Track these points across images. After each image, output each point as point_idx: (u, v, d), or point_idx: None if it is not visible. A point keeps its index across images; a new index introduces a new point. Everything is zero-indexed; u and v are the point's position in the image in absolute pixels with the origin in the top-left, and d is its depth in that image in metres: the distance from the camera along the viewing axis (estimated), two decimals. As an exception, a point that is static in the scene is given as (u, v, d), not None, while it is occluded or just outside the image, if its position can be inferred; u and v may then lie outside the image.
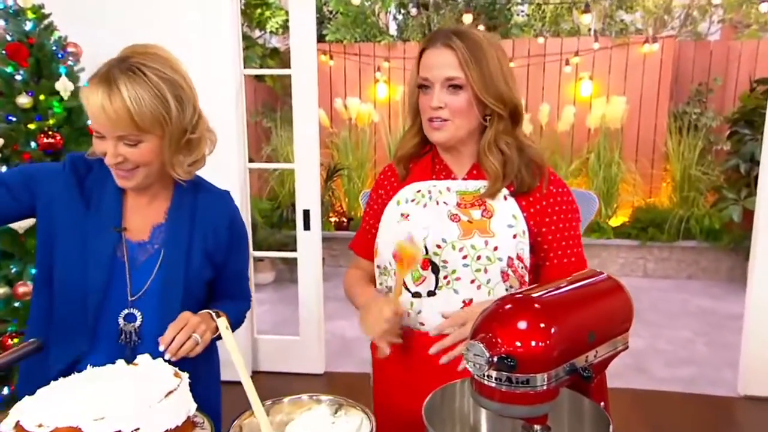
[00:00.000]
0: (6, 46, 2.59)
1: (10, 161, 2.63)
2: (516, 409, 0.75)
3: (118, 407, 0.87)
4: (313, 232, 3.68)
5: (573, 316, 0.77)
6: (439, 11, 7.08)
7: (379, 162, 7.13)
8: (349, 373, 3.92)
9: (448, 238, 1.33)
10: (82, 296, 1.30)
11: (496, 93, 1.31)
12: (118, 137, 1.23)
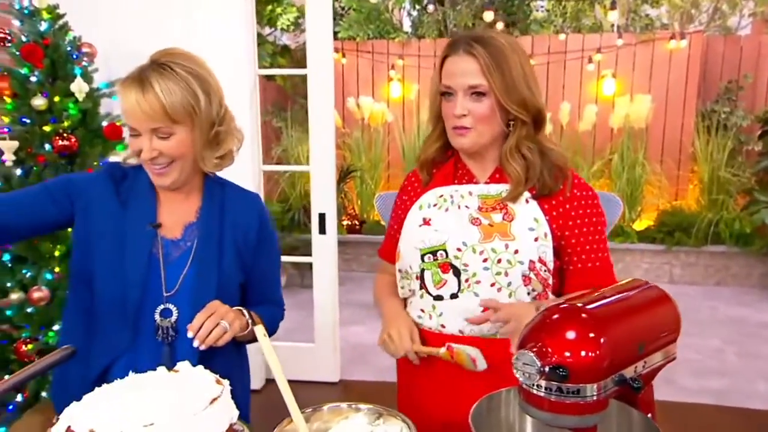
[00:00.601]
0: (22, 47, 2.65)
1: (25, 164, 2.69)
2: (566, 419, 0.78)
3: (165, 414, 0.91)
4: (329, 236, 3.73)
5: (623, 326, 0.81)
6: (455, 7, 7.12)
7: (392, 163, 7.18)
8: (365, 381, 3.95)
9: (469, 241, 1.38)
10: (121, 293, 1.37)
11: (519, 99, 1.35)
12: (152, 131, 1.34)
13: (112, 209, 1.42)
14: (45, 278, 2.63)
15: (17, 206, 1.40)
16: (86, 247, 1.42)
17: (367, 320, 5.12)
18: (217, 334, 1.30)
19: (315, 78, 3.58)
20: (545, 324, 0.80)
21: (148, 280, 1.40)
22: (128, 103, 1.33)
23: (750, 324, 4.96)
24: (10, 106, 2.68)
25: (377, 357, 4.36)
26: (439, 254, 1.41)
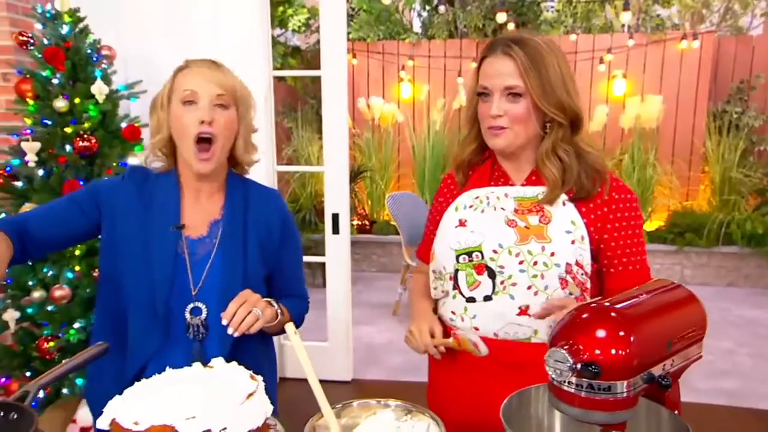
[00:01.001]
0: (44, 50, 2.70)
1: (47, 164, 2.74)
2: (596, 415, 0.81)
3: (206, 407, 0.95)
4: (342, 236, 3.76)
5: (652, 325, 0.84)
6: (466, 8, 7.13)
7: (402, 164, 7.21)
8: (377, 380, 3.99)
9: (505, 243, 1.37)
10: (150, 294, 1.41)
11: (556, 101, 1.35)
12: (215, 97, 1.42)
13: (136, 212, 1.45)
14: (66, 277, 2.67)
15: (48, 220, 1.44)
16: (113, 251, 1.46)
17: (377, 320, 5.16)
18: (249, 322, 1.34)
19: (329, 79, 3.61)
20: (576, 323, 0.82)
21: (175, 280, 1.43)
22: (198, 73, 1.42)
23: (762, 325, 4.96)
24: (33, 107, 2.73)
25: (389, 357, 4.41)
26: (474, 255, 1.40)
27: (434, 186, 6.99)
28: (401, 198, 5.56)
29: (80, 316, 2.71)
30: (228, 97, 1.43)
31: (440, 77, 7.14)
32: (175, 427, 0.92)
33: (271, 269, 1.55)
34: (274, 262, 1.56)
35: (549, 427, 1.00)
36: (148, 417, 0.93)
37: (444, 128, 6.99)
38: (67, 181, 2.70)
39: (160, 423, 0.92)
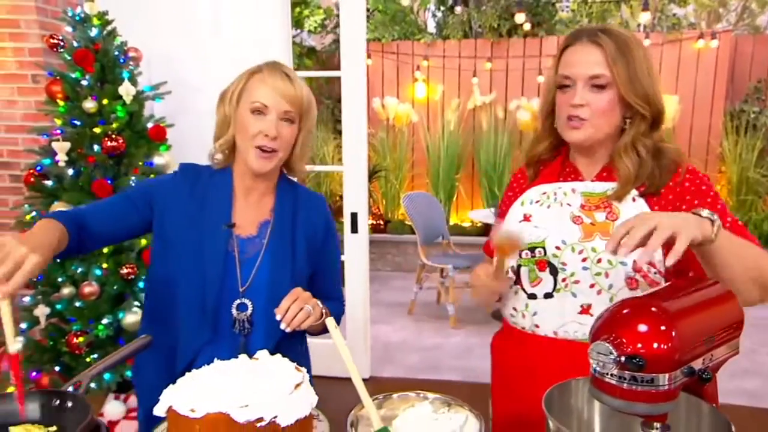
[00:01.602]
0: (74, 53, 2.76)
1: (77, 164, 2.80)
2: (638, 406, 0.84)
3: (258, 396, 0.99)
4: (361, 235, 3.80)
5: (692, 320, 0.87)
6: (480, 8, 7.15)
7: (417, 163, 7.24)
8: (395, 378, 4.03)
9: (568, 240, 1.34)
10: (201, 290, 1.46)
11: (643, 93, 1.30)
12: (284, 113, 1.45)
13: (188, 210, 1.50)
14: (95, 274, 2.74)
15: (105, 216, 1.48)
16: (165, 248, 1.51)
17: (393, 319, 5.21)
18: (301, 318, 1.38)
19: (348, 80, 3.64)
20: (618, 317, 0.86)
21: (224, 277, 1.48)
22: (271, 84, 1.44)
23: (781, 326, 4.94)
24: (63, 108, 2.79)
25: (405, 355, 4.45)
26: (537, 251, 1.37)
27: (448, 186, 7.03)
28: (417, 197, 5.60)
29: (108, 312, 2.78)
30: (295, 113, 1.47)
31: (455, 77, 7.16)
32: (229, 415, 0.97)
33: (314, 270, 1.60)
34: (316, 264, 1.60)
35: (588, 418, 1.03)
36: (204, 405, 0.98)
37: (458, 128, 7.02)
38: (95, 180, 2.77)
39: (215, 410, 0.97)
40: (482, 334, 4.86)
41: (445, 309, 5.16)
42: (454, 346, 4.63)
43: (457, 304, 5.14)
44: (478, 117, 7.05)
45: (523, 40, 7.00)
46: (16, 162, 3.43)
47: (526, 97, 6.90)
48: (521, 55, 7.00)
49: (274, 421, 0.99)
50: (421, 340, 4.76)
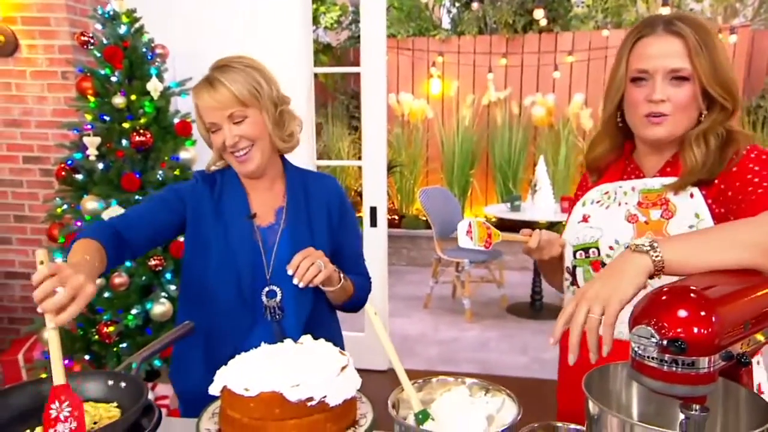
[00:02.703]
0: (104, 50, 2.81)
1: (106, 158, 2.85)
2: (678, 388, 0.86)
3: (308, 377, 1.04)
4: (380, 229, 3.85)
5: (730, 306, 0.90)
6: (496, 4, 7.16)
7: (431, 159, 7.27)
8: (414, 370, 4.04)
9: (621, 239, 1.31)
10: (237, 281, 1.51)
11: (726, 84, 1.23)
12: (228, 117, 1.47)
13: (212, 210, 1.55)
14: (124, 265, 2.78)
15: (141, 225, 1.51)
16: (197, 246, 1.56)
17: (410, 313, 5.25)
18: (313, 272, 1.41)
19: (368, 76, 3.68)
20: (659, 302, 0.88)
21: (254, 266, 1.52)
22: (203, 102, 1.48)
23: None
24: (93, 104, 2.85)
25: (424, 348, 4.49)
26: (591, 252, 1.35)
27: (462, 181, 7.05)
28: (433, 192, 5.63)
29: (136, 303, 2.83)
30: (238, 110, 1.47)
31: (469, 73, 7.18)
32: (282, 394, 1.01)
33: (334, 247, 1.61)
34: (336, 241, 1.62)
35: (627, 399, 1.06)
36: (257, 384, 1.02)
37: (473, 124, 7.05)
38: (125, 174, 2.82)
39: (268, 389, 1.02)
40: (498, 327, 4.91)
41: (461, 303, 5.20)
42: (471, 340, 4.68)
43: (473, 299, 5.18)
44: (493, 113, 7.07)
45: (539, 35, 7.01)
46: (46, 156, 3.49)
47: (540, 93, 6.92)
48: (536, 51, 7.00)
49: (323, 400, 1.04)
50: (438, 334, 4.81)
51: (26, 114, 3.50)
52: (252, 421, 1.02)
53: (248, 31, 3.45)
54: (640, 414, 1.06)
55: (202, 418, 1.13)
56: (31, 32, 3.39)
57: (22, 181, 3.59)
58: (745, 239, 1.03)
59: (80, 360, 2.83)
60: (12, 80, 3.46)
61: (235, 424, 1.04)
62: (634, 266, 0.99)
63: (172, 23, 3.35)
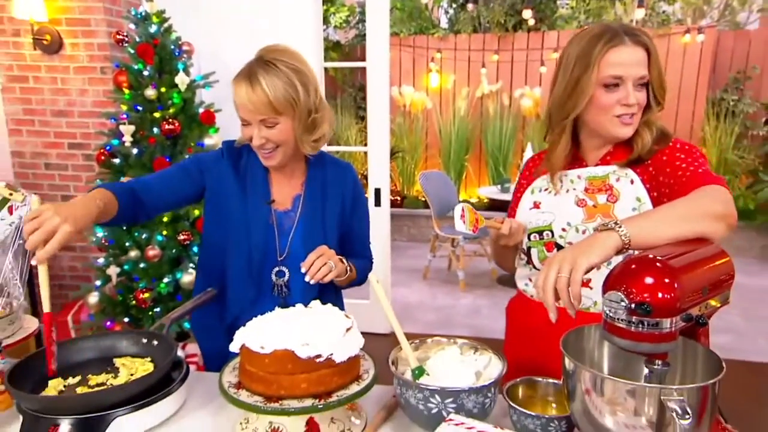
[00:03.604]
0: (137, 47, 2.80)
1: (140, 144, 2.85)
2: (643, 346, 0.87)
3: (317, 336, 1.06)
4: (383, 208, 3.84)
5: (691, 274, 0.90)
6: (489, 5, 7.07)
7: (430, 145, 7.24)
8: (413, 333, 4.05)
9: (573, 221, 1.32)
10: (248, 257, 1.48)
11: (663, 85, 1.29)
12: (260, 121, 1.38)
13: (234, 187, 1.50)
14: (157, 239, 2.80)
15: (162, 186, 1.48)
16: (217, 218, 1.52)
17: (410, 283, 5.26)
18: (324, 272, 1.39)
19: (373, 70, 3.65)
20: (628, 271, 0.88)
21: (266, 246, 1.49)
22: (240, 98, 1.37)
23: (752, 290, 4.96)
24: (128, 96, 2.84)
25: (423, 314, 4.51)
26: (545, 234, 1.36)
27: (458, 165, 7.03)
28: (432, 176, 5.61)
29: (168, 272, 2.85)
30: (271, 117, 1.37)
31: (465, 68, 7.12)
32: (294, 351, 1.02)
33: (344, 232, 1.59)
34: (346, 227, 1.59)
35: (599, 357, 1.07)
36: (272, 342, 1.03)
37: (468, 114, 7.01)
38: (156, 158, 2.82)
39: (282, 347, 1.03)
40: (489, 296, 4.92)
41: (456, 275, 5.21)
42: (465, 307, 4.69)
43: (466, 270, 5.18)
44: (486, 104, 7.01)
45: (527, 34, 6.93)
46: (87, 143, 3.49)
47: (528, 86, 6.86)
48: (525, 48, 6.94)
49: (330, 357, 1.05)
50: (435, 301, 4.82)
51: (70, 105, 3.49)
52: (267, 375, 1.03)
53: (264, 30, 3.41)
54: (610, 369, 1.06)
55: (224, 372, 1.14)
56: (73, 32, 3.37)
57: (68, 165, 3.60)
58: (691, 212, 1.07)
59: (120, 322, 2.86)
60: (58, 75, 3.46)
61: (252, 378, 1.05)
62: (603, 240, 1.00)
63: (197, 23, 3.33)
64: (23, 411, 1.12)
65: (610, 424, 0.89)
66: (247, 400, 1.02)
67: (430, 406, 1.06)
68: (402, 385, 1.10)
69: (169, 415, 1.17)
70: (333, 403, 1.03)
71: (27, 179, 3.64)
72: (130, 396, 1.11)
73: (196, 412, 1.22)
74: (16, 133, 3.59)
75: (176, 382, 1.19)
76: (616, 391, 0.87)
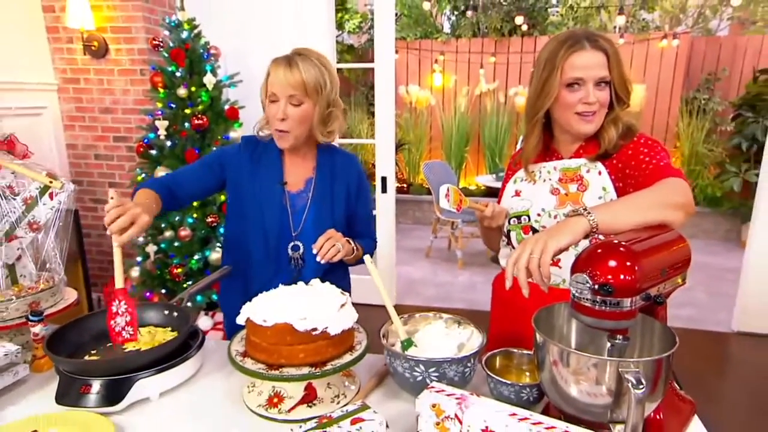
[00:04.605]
0: (170, 51, 2.77)
1: (173, 137, 2.84)
2: (606, 323, 0.85)
3: (313, 311, 1.04)
4: (389, 195, 3.80)
5: (650, 257, 0.86)
6: (487, 12, 6.94)
7: (434, 138, 7.17)
8: (415, 305, 4.08)
9: (546, 207, 1.32)
10: (265, 235, 1.48)
11: (627, 85, 1.25)
12: (289, 97, 1.38)
13: (251, 173, 1.49)
14: (188, 221, 2.79)
15: (189, 180, 1.48)
16: (237, 203, 1.51)
17: (414, 261, 5.23)
18: (333, 252, 1.38)
19: (380, 70, 3.59)
20: (594, 255, 0.85)
21: (281, 225, 1.48)
22: (276, 75, 1.37)
23: (715, 269, 4.89)
24: (163, 95, 2.82)
25: (424, 289, 4.49)
26: (522, 219, 1.35)
27: (459, 156, 6.96)
28: (434, 165, 5.55)
29: (198, 250, 2.85)
30: (300, 95, 1.38)
31: (465, 69, 7.01)
32: (292, 324, 1.00)
33: (350, 214, 1.58)
34: (352, 209, 1.58)
35: (567, 332, 1.04)
36: (273, 316, 1.02)
37: (468, 110, 6.92)
38: (187, 150, 2.80)
39: (281, 321, 1.01)
40: (484, 274, 4.88)
41: (455, 254, 5.17)
42: (462, 283, 4.66)
43: (464, 250, 5.14)
44: (484, 101, 6.91)
45: (521, 39, 6.80)
46: (129, 136, 3.48)
47: (522, 85, 6.74)
48: (519, 51, 6.81)
49: (326, 330, 1.03)
50: (436, 278, 4.80)
51: (115, 103, 3.48)
52: (269, 345, 1.02)
53: (283, 35, 3.37)
54: (577, 342, 1.04)
55: (233, 341, 1.13)
56: (117, 39, 3.34)
57: (113, 156, 3.59)
58: (652, 201, 1.04)
59: (158, 292, 2.87)
60: (104, 77, 3.44)
61: (256, 348, 1.04)
62: (573, 225, 0.97)
63: (223, 29, 3.29)
64: (60, 372, 1.12)
65: (574, 393, 0.87)
66: (251, 367, 1.01)
67: (415, 375, 1.05)
68: (391, 355, 1.08)
69: (186, 377, 1.17)
70: (328, 371, 1.01)
71: (80, 168, 3.64)
72: (152, 360, 1.11)
73: (210, 375, 1.22)
74: (70, 128, 3.58)
75: (193, 349, 1.18)
76: (580, 363, 0.85)
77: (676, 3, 6.96)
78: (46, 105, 3.46)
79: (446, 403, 0.88)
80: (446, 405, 0.87)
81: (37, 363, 1.25)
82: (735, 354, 3.34)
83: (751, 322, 3.53)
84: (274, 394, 1.05)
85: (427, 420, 0.89)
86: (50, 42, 3.42)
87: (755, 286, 3.47)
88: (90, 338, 1.23)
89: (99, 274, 3.74)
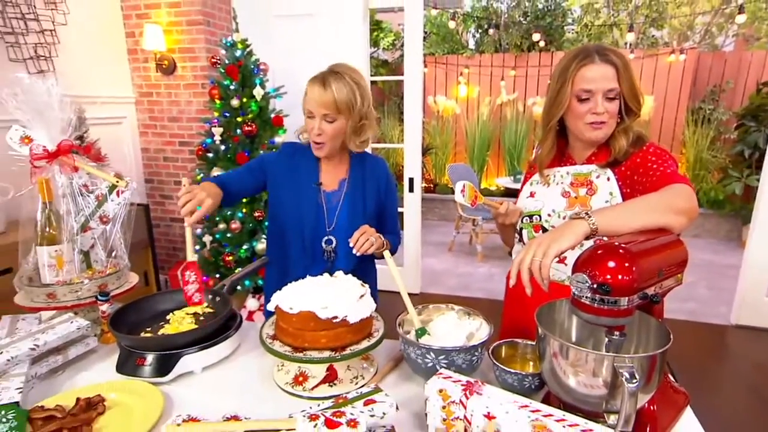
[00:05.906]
0: (226, 68, 2.79)
1: (227, 142, 2.87)
2: (604, 320, 0.80)
3: (335, 301, 1.02)
4: (416, 194, 3.76)
5: (648, 259, 0.80)
6: (508, 30, 6.77)
7: (458, 143, 7.06)
8: (438, 294, 4.03)
9: (556, 208, 1.28)
10: (301, 230, 1.47)
11: (637, 96, 1.18)
12: (323, 115, 1.36)
13: (290, 175, 1.49)
14: (238, 216, 2.82)
15: (237, 182, 1.48)
16: (277, 201, 1.51)
17: (438, 254, 5.17)
18: (367, 246, 1.35)
19: (409, 83, 3.55)
20: (594, 256, 0.80)
21: (317, 221, 1.47)
22: (312, 95, 1.35)
23: (717, 266, 4.67)
24: (219, 105, 2.84)
25: (447, 279, 4.43)
26: (534, 218, 1.31)
27: (481, 159, 6.84)
28: (458, 167, 5.47)
29: (246, 241, 2.87)
30: (333, 113, 1.35)
31: (488, 81, 6.87)
32: (315, 312, 0.98)
33: (380, 212, 1.56)
34: (381, 207, 1.56)
35: (568, 326, 0.99)
36: (298, 304, 1.00)
37: (489, 118, 6.79)
38: (238, 153, 2.82)
39: (306, 309, 0.99)
40: (501, 266, 4.79)
41: (475, 248, 5.08)
42: (481, 274, 4.58)
43: (484, 244, 5.05)
44: (504, 110, 6.77)
45: (539, 54, 6.62)
46: (191, 141, 3.55)
47: (540, 95, 6.58)
48: (537, 65, 6.63)
49: (345, 318, 1.01)
50: (458, 269, 4.73)
51: (180, 113, 3.55)
52: (295, 330, 1.00)
53: (324, 52, 3.36)
54: (577, 336, 0.98)
55: (265, 325, 1.12)
56: (183, 57, 3.41)
57: (178, 158, 3.67)
58: (655, 206, 0.98)
59: (213, 277, 2.92)
60: (172, 90, 3.51)
61: (284, 332, 1.02)
62: (574, 227, 0.92)
63: (271, 48, 3.31)
64: (120, 346, 1.13)
65: (572, 384, 0.82)
66: (279, 350, 1.00)
67: (426, 361, 1.01)
68: (405, 342, 1.05)
69: (225, 355, 1.17)
70: (346, 355, 0.99)
71: (151, 168, 3.74)
72: (196, 339, 1.11)
73: (246, 354, 1.21)
74: (144, 135, 3.68)
75: (231, 330, 1.17)
76: (578, 356, 0.80)
77: (684, 21, 6.63)
78: (126, 115, 3.57)
79: (452, 388, 0.84)
80: (452, 390, 0.84)
81: (104, 336, 1.28)
82: (733, 345, 3.18)
83: (749, 316, 3.35)
84: (300, 373, 1.03)
85: (434, 403, 0.86)
86: (130, 62, 3.53)
87: (754, 283, 3.30)
88: (146, 318, 1.24)
89: (166, 259, 3.84)
